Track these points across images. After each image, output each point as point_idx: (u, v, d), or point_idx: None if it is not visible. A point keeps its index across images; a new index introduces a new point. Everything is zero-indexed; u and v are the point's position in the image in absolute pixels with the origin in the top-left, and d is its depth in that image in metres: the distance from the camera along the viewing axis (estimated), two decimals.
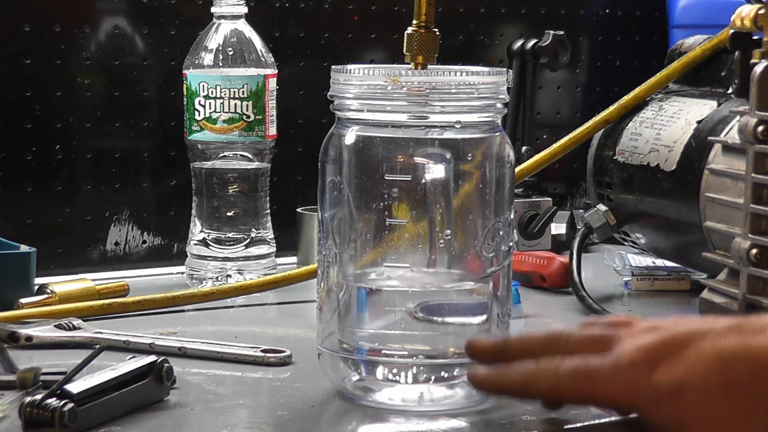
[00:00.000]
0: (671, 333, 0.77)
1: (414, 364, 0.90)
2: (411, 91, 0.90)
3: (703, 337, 0.75)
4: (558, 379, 0.80)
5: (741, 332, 0.74)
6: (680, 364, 0.75)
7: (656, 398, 0.75)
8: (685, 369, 0.74)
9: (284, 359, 1.03)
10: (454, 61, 1.07)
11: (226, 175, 1.33)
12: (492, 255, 0.91)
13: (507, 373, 0.83)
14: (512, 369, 0.83)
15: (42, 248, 1.25)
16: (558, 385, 0.80)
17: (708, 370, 0.74)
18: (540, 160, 1.36)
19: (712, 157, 1.18)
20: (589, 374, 0.78)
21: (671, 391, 0.74)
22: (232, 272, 1.33)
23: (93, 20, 1.43)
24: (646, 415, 0.77)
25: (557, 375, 0.80)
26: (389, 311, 0.91)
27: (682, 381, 0.74)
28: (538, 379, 0.81)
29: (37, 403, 0.82)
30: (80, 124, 1.42)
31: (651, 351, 0.76)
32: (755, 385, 0.72)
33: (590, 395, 0.79)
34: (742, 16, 1.17)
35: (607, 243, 1.42)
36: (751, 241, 1.07)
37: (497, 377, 0.84)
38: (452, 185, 0.90)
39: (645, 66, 1.62)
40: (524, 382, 0.82)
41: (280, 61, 1.40)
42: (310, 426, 0.88)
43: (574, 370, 0.79)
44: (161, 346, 1.05)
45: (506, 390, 0.85)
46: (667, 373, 0.75)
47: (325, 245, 0.93)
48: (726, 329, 0.75)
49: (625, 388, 0.77)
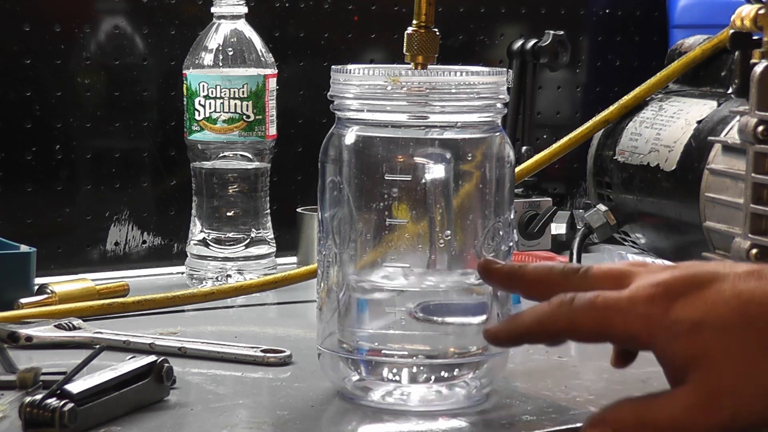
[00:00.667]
0: (691, 272, 0.77)
1: (414, 364, 0.90)
2: (411, 91, 0.90)
3: (724, 279, 0.76)
4: (573, 313, 0.78)
5: (761, 277, 0.75)
6: (699, 302, 0.75)
7: (673, 333, 0.75)
8: (704, 306, 0.75)
9: (284, 359, 1.03)
10: (454, 61, 1.07)
11: (226, 175, 1.33)
12: (492, 255, 0.91)
13: (521, 320, 0.82)
14: (525, 315, 0.82)
15: (42, 248, 1.25)
16: (574, 319, 0.78)
17: (727, 309, 0.74)
18: (540, 160, 1.36)
19: (712, 157, 1.18)
20: (606, 307, 0.78)
21: (689, 327, 0.74)
22: (232, 272, 1.33)
23: (93, 20, 1.43)
24: (661, 351, 0.76)
25: (572, 309, 0.78)
26: (389, 311, 0.91)
27: (700, 318, 0.74)
28: (552, 317, 0.79)
29: (37, 403, 0.82)
30: (80, 124, 1.42)
31: (669, 286, 0.76)
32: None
33: (607, 328, 0.78)
34: (742, 16, 1.17)
35: (607, 243, 1.42)
36: (751, 241, 1.07)
37: (511, 326, 0.83)
38: (452, 185, 0.90)
39: (645, 66, 1.62)
40: (539, 323, 0.80)
41: (280, 61, 1.40)
42: (310, 426, 0.88)
43: (591, 304, 0.78)
44: (161, 346, 1.05)
45: (523, 336, 0.82)
46: (685, 309, 0.75)
47: (325, 245, 0.93)
48: (746, 273, 0.76)
49: (641, 321, 0.77)
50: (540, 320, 0.80)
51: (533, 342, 0.84)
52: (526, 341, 0.84)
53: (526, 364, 1.03)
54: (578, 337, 0.81)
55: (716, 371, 0.73)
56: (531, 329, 0.81)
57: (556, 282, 0.82)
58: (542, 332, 0.81)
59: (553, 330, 0.80)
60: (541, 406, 0.91)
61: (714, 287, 0.75)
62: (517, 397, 0.94)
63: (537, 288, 0.84)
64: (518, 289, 0.86)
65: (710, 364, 0.74)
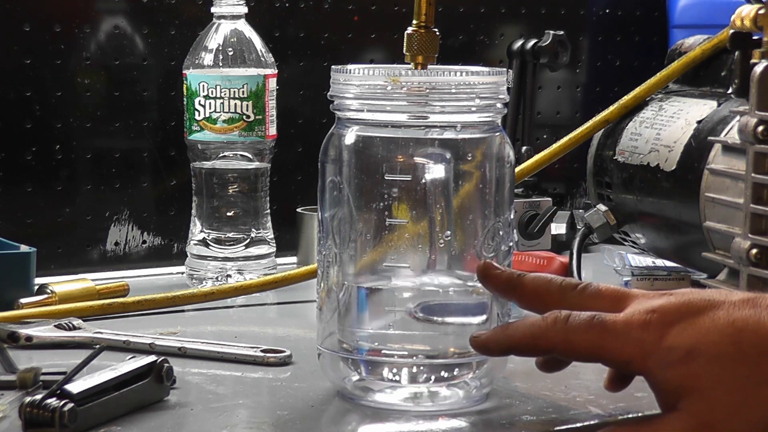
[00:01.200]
0: (686, 299, 0.78)
1: (414, 364, 0.90)
2: (411, 91, 0.90)
3: (719, 307, 0.76)
4: (569, 332, 0.79)
5: (755, 305, 0.76)
6: (693, 329, 0.75)
7: (667, 361, 0.75)
8: (698, 334, 0.75)
9: (284, 359, 1.03)
10: (454, 61, 1.07)
11: (226, 175, 1.33)
12: (492, 255, 0.91)
13: (513, 331, 0.82)
14: (518, 326, 0.82)
15: (42, 248, 1.25)
16: (568, 338, 0.79)
17: (720, 338, 0.75)
18: (540, 160, 1.36)
19: (712, 157, 1.18)
20: (603, 328, 0.78)
21: (682, 355, 0.75)
22: (232, 272, 1.33)
23: (93, 20, 1.43)
24: (653, 377, 0.77)
25: (567, 328, 0.79)
26: (389, 311, 0.91)
27: (693, 346, 0.75)
28: (546, 332, 0.80)
29: (37, 403, 0.82)
30: (80, 124, 1.42)
31: (665, 313, 0.77)
32: (764, 356, 0.74)
33: (601, 349, 0.78)
34: (742, 16, 1.17)
35: (607, 243, 1.42)
36: (751, 241, 1.07)
37: (502, 337, 0.83)
38: (452, 185, 0.90)
39: (645, 66, 1.62)
40: (532, 336, 0.81)
41: (280, 61, 1.40)
42: (310, 426, 0.88)
43: (587, 323, 0.78)
44: (161, 346, 1.05)
45: (513, 348, 0.83)
46: (679, 337, 0.75)
47: (325, 245, 0.93)
48: (741, 301, 0.76)
49: (636, 346, 0.77)
50: (533, 334, 0.81)
51: (523, 354, 0.85)
52: (516, 353, 0.84)
53: (526, 364, 1.02)
54: (571, 355, 0.81)
55: (708, 402, 0.74)
56: (522, 342, 0.82)
57: (553, 296, 0.83)
58: (534, 346, 0.82)
59: (545, 345, 0.81)
60: (541, 406, 0.91)
61: (709, 315, 0.76)
62: (517, 397, 0.94)
63: (533, 299, 0.84)
64: (515, 298, 0.86)
65: (702, 395, 0.74)
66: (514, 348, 0.84)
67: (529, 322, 0.82)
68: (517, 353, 0.85)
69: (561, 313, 0.80)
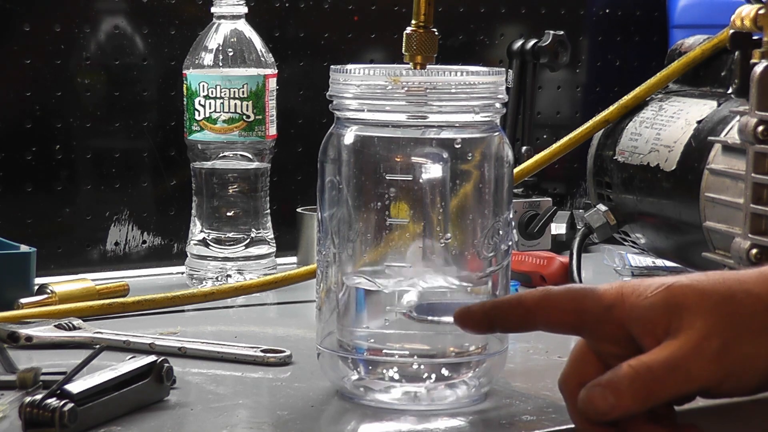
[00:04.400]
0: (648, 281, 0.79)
1: (413, 364, 0.90)
2: (410, 91, 0.90)
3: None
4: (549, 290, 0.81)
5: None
6: (666, 279, 0.78)
7: (649, 291, 0.77)
8: (671, 279, 0.78)
9: (284, 359, 1.03)
10: (453, 61, 1.07)
11: (226, 175, 1.33)
12: (491, 255, 0.91)
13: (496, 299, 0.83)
14: (502, 299, 0.84)
15: (42, 248, 1.25)
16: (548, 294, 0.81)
17: (689, 278, 0.78)
18: (540, 160, 1.36)
19: (712, 157, 1.18)
20: (582, 289, 0.80)
21: (661, 284, 0.77)
22: (232, 272, 1.33)
23: (93, 20, 1.43)
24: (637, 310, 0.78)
25: (548, 293, 0.81)
26: (388, 311, 0.91)
27: (669, 281, 0.78)
28: (528, 293, 0.81)
29: (37, 403, 0.82)
30: (80, 124, 1.42)
31: (621, 285, 0.79)
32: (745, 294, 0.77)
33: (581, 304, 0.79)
34: (742, 16, 1.17)
35: (607, 243, 1.42)
36: (751, 241, 1.07)
37: (484, 303, 0.84)
38: (451, 185, 0.90)
39: (645, 66, 1.62)
40: (515, 296, 0.82)
41: (280, 61, 1.40)
42: (310, 426, 0.88)
43: (566, 290, 0.81)
44: (161, 346, 1.05)
45: (495, 306, 0.84)
46: (656, 281, 0.78)
47: (325, 245, 0.93)
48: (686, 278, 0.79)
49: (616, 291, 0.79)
50: (515, 296, 0.82)
51: (504, 322, 0.83)
52: (498, 321, 0.83)
53: (525, 364, 1.03)
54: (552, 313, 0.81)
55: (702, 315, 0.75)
56: (505, 302, 0.82)
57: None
58: (517, 304, 0.81)
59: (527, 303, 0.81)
60: (541, 406, 0.91)
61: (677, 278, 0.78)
62: (516, 396, 0.94)
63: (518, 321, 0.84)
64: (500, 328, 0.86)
65: (690, 310, 0.75)
66: (496, 308, 0.83)
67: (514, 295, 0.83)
68: (499, 321, 0.84)
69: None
